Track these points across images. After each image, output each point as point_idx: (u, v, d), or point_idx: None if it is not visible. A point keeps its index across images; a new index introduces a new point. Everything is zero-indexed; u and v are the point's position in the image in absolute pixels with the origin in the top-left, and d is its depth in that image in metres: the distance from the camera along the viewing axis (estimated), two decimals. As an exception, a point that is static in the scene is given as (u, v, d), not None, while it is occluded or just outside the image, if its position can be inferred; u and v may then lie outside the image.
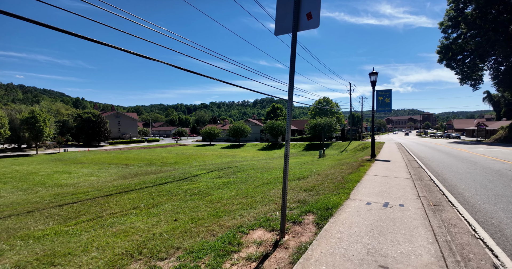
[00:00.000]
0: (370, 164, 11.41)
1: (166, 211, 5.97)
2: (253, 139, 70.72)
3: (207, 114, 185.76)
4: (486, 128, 53.51)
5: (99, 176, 25.37)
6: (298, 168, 12.23)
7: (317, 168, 11.53)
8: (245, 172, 11.19)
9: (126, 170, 30.29)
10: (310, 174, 9.35)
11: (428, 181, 8.35)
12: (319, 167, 11.71)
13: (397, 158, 14.94)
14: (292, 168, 12.71)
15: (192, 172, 12.32)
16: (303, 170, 11.12)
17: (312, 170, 10.43)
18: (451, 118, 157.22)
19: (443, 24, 40.86)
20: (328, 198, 5.40)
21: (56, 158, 42.29)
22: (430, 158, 15.51)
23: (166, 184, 9.48)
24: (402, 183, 7.44)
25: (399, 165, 11.72)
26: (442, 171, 10.55)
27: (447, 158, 15.40)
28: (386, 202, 5.37)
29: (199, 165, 32.46)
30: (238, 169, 12.55)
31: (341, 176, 8.15)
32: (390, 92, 14.17)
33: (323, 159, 29.72)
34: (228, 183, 9.13)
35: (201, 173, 11.70)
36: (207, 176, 10.83)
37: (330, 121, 50.10)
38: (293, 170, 11.36)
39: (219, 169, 12.67)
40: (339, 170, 9.56)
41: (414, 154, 18.39)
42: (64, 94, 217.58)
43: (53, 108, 65.61)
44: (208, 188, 8.21)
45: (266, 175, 10.23)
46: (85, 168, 31.65)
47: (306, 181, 7.95)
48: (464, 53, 41.88)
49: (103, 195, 8.63)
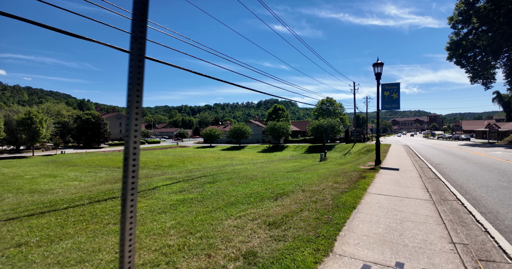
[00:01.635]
0: (373, 174, 8.94)
1: (47, 258, 3.72)
2: (254, 141, 68.34)
3: (210, 116, 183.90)
4: (498, 129, 49.98)
5: (82, 181, 23.72)
6: (286, 177, 9.88)
7: (308, 178, 9.15)
8: (216, 184, 8.89)
9: (115, 173, 28.44)
10: (294, 190, 6.97)
11: (454, 203, 5.88)
12: (310, 177, 9.33)
13: (406, 165, 12.40)
14: (280, 177, 10.35)
15: (154, 183, 10.08)
16: (289, 181, 8.74)
17: (299, 183, 8.04)
18: (458, 120, 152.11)
19: (453, 19, 37.89)
20: (295, 253, 3.04)
21: (51, 160, 40.72)
22: (445, 164, 12.92)
23: (107, 201, 7.27)
24: (420, 211, 4.98)
25: (411, 175, 9.22)
26: (467, 183, 8.04)
27: (466, 164, 12.79)
28: (399, 262, 2.95)
29: (191, 168, 30.35)
30: (213, 178, 10.23)
31: (332, 197, 5.74)
32: (398, 86, 11.67)
33: (324, 163, 27.19)
34: (184, 201, 6.83)
35: (164, 184, 9.46)
36: (167, 189, 8.58)
37: (333, 123, 47.40)
38: (278, 181, 8.99)
39: (188, 179, 10.38)
40: (331, 185, 7.14)
41: (425, 159, 15.78)
42: (70, 96, 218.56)
43: (53, 110, 64.46)
44: (148, 211, 5.94)
45: (240, 189, 7.89)
46: (74, 171, 30.06)
47: (281, 204, 5.58)
48: (475, 50, 38.84)
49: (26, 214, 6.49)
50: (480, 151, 21.97)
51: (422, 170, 10.98)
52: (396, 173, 9.60)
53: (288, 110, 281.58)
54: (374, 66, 12.22)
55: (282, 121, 60.17)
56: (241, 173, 13.89)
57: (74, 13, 4.94)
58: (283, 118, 65.55)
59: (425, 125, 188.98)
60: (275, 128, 53.96)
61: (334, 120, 48.14)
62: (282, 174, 11.67)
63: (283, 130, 54.16)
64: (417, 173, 9.91)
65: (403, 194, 6.36)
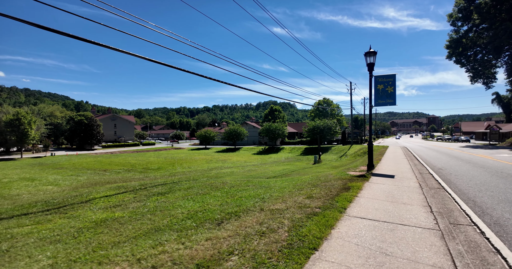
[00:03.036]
0: (361, 184, 7.04)
1: None
2: (251, 142, 66.43)
3: (208, 118, 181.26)
4: (499, 131, 47.92)
5: (58, 185, 22.09)
6: (258, 186, 8.04)
7: (283, 187, 7.29)
8: (167, 196, 7.01)
9: (97, 177, 26.73)
10: (251, 207, 5.10)
11: (470, 231, 4.00)
12: (286, 186, 7.46)
13: (404, 170, 10.49)
14: (253, 185, 8.50)
15: (94, 193, 8.21)
16: (257, 192, 6.88)
17: (266, 196, 6.17)
18: (457, 121, 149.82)
19: (452, 16, 36.03)
20: None
21: (38, 162, 38.97)
22: (449, 170, 11.01)
23: (21, 217, 5.45)
24: (422, 253, 3.10)
25: (409, 184, 7.33)
26: (480, 197, 6.16)
27: (472, 169, 10.88)
28: None
29: (179, 171, 28.54)
30: (169, 188, 8.30)
31: (291, 224, 3.87)
32: (394, 78, 9.79)
33: (316, 166, 25.27)
34: (103, 222, 4.98)
35: (104, 195, 7.59)
36: (103, 202, 6.74)
37: (330, 124, 45.47)
38: (245, 192, 7.13)
39: (141, 188, 8.44)
40: (301, 200, 5.27)
41: (425, 162, 13.86)
42: (69, 98, 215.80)
43: (46, 111, 62.71)
44: (39, 239, 4.14)
45: (190, 204, 6.03)
46: (56, 175, 28.40)
47: (216, 236, 3.71)
48: (475, 48, 36.95)
49: None
50: (484, 153, 20.04)
51: (422, 176, 9.08)
52: (391, 182, 7.71)
53: (287, 112, 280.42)
54: (366, 55, 10.37)
55: (278, 122, 58.25)
56: (218, 179, 12.04)
57: (75, 15, 4.86)
58: (279, 120, 63.61)
59: (423, 127, 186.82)
60: (271, 130, 52.06)
61: (331, 122, 46.21)
62: (258, 181, 9.78)
63: (279, 132, 52.24)
64: (416, 181, 8.01)
65: (396, 217, 4.46)
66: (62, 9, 4.67)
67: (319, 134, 44.27)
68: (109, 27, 5.50)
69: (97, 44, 4.77)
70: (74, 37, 4.43)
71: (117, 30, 5.63)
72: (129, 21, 6.07)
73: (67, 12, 4.77)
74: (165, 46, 6.95)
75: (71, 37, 4.40)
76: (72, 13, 4.81)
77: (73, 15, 4.84)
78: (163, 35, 7.13)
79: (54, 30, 4.17)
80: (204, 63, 8.67)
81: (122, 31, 5.81)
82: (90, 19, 5.03)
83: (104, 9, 5.52)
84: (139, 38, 6.11)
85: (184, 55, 7.58)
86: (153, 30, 6.79)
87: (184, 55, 7.58)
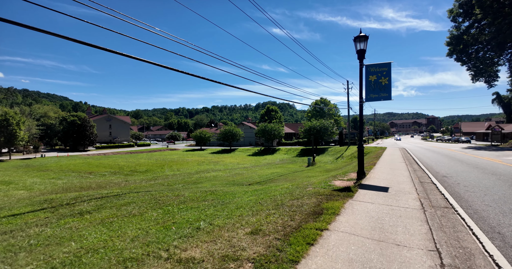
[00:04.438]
0: (342, 204, 5.08)
1: None
2: (247, 143, 64.53)
3: (206, 118, 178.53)
4: (501, 131, 45.77)
5: (31, 190, 20.55)
6: (221, 201, 6.20)
7: (242, 204, 5.44)
8: (88, 217, 5.21)
9: (76, 180, 25.03)
10: (163, 249, 3.28)
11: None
12: (247, 202, 5.61)
13: (401, 179, 8.55)
14: (219, 197, 6.66)
15: (9, 209, 6.39)
16: (203, 214, 5.02)
17: (205, 223, 4.32)
18: (456, 122, 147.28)
19: (453, 11, 34.04)
20: None
21: (26, 164, 37.35)
22: (456, 178, 9.08)
23: None
24: None
25: (406, 202, 5.41)
26: (507, 224, 4.27)
27: (484, 177, 8.91)
28: None
29: (166, 174, 26.74)
30: (99, 205, 6.42)
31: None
32: (389, 67, 7.86)
33: (308, 169, 23.32)
34: None
35: (12, 214, 5.80)
36: (3, 224, 4.96)
37: (327, 124, 43.47)
38: (193, 213, 5.28)
39: (65, 204, 6.60)
40: (237, 242, 3.37)
41: (426, 167, 11.92)
42: (68, 98, 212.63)
43: (39, 112, 61.00)
44: None
45: (95, 235, 4.20)
46: (38, 177, 26.79)
47: None
48: (477, 45, 34.96)
49: None
50: (490, 156, 18.07)
51: (423, 188, 7.16)
52: (382, 198, 5.80)
53: (286, 112, 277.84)
54: (356, 40, 8.45)
55: (274, 123, 56.27)
56: (193, 185, 10.18)
57: (73, 18, 4.79)
58: (276, 120, 61.60)
59: (423, 128, 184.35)
60: (267, 130, 50.10)
61: (327, 122, 44.22)
62: (224, 193, 7.89)
63: (275, 132, 50.26)
64: (416, 196, 6.09)
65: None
66: (61, 12, 4.63)
67: (315, 135, 42.30)
68: (108, 29, 5.37)
69: (96, 47, 4.69)
70: (73, 40, 4.36)
71: (116, 32, 5.64)
72: (128, 23, 6.05)
73: (67, 15, 4.74)
74: (164, 48, 6.95)
75: (71, 40, 4.33)
76: (71, 16, 4.69)
77: (71, 17, 4.29)
78: (162, 37, 7.13)
79: (54, 34, 4.14)
80: (203, 64, 8.72)
81: (121, 33, 5.75)
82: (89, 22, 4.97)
83: (103, 11, 5.45)
84: (138, 40, 6.10)
85: (183, 57, 7.64)
86: (151, 32, 6.75)
87: (183, 57, 7.64)
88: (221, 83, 8.53)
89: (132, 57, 5.43)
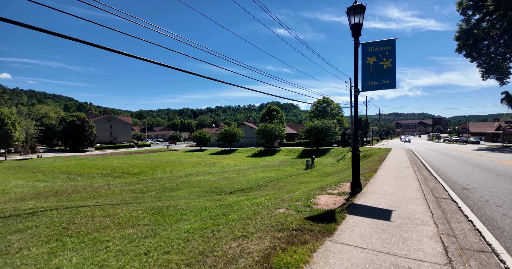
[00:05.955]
0: (308, 256, 3.10)
1: None
2: (248, 144, 62.62)
3: (209, 119, 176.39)
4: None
5: (8, 193, 19.23)
6: (159, 224, 4.38)
7: (172, 236, 3.61)
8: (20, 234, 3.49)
9: (59, 183, 23.47)
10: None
11: None
12: (175, 237, 3.78)
13: (408, 194, 6.46)
14: (164, 218, 4.83)
15: None
16: (97, 260, 3.21)
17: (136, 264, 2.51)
18: (463, 122, 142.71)
19: (462, 3, 31.56)
20: None
21: (20, 164, 36.19)
22: (479, 190, 6.97)
23: None
24: None
25: (419, 246, 3.33)
26: None
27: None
28: None
29: (158, 177, 25.01)
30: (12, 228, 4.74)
31: None
32: (393, 45, 5.80)
33: (305, 173, 21.25)
34: None
35: None
36: None
37: (329, 124, 41.24)
38: (114, 250, 3.45)
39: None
40: None
41: (439, 174, 9.78)
42: (73, 99, 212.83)
43: (41, 112, 60.16)
44: None
45: None
46: (24, 179, 25.40)
47: None
48: (488, 40, 32.40)
49: None
50: (509, 159, 15.81)
51: (442, 211, 5.13)
52: (381, 236, 3.80)
53: (290, 112, 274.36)
54: (349, 13, 6.43)
55: (275, 123, 54.21)
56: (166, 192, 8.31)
57: (80, 18, 4.92)
58: (277, 120, 59.51)
59: (429, 128, 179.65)
60: (267, 131, 48.06)
61: (330, 122, 41.98)
62: (171, 213, 6.03)
63: (275, 133, 48.19)
64: (434, 230, 4.06)
65: None
66: (68, 13, 4.64)
67: (317, 135, 40.15)
68: (114, 30, 5.41)
69: (102, 47, 4.75)
70: (80, 41, 4.39)
71: (122, 32, 5.66)
72: (134, 23, 6.11)
73: (72, 15, 4.78)
74: (169, 48, 7.18)
75: (77, 41, 4.36)
76: (78, 17, 4.80)
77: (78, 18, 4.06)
78: (168, 37, 7.18)
79: (60, 35, 4.17)
80: (208, 64, 8.90)
81: (126, 33, 5.82)
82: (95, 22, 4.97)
83: (109, 12, 5.49)
84: (144, 41, 6.17)
85: (188, 57, 7.84)
86: (157, 32, 6.75)
87: (188, 57, 7.84)
88: (226, 82, 8.50)
89: (137, 57, 5.39)
